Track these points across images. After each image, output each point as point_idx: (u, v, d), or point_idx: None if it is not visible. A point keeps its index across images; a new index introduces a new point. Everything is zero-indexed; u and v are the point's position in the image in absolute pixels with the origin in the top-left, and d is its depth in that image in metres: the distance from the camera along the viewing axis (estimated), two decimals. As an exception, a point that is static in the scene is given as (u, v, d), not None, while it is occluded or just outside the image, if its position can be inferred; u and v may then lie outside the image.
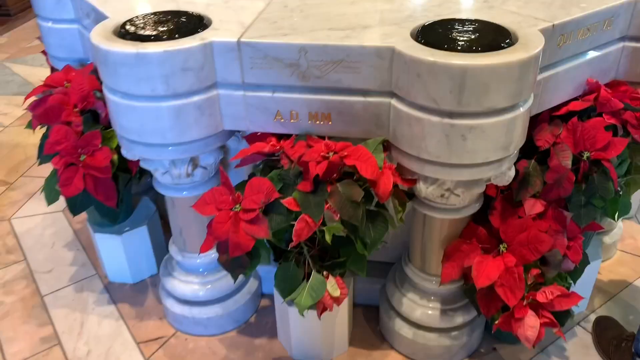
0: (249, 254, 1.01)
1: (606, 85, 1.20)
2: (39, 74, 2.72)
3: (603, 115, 1.14)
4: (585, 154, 1.11)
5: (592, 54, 1.15)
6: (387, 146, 1.06)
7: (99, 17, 1.18)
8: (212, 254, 1.31)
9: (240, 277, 1.25)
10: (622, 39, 1.18)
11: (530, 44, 0.93)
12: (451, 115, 0.93)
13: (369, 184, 1.00)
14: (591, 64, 1.16)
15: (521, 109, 0.96)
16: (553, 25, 1.02)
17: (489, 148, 0.97)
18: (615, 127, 1.15)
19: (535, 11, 1.08)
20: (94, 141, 1.18)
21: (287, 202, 0.97)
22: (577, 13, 1.06)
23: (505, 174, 1.06)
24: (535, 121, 1.16)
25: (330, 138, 1.06)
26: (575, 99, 1.18)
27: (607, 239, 1.54)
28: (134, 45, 0.97)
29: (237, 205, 1.01)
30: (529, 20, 1.04)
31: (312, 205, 0.96)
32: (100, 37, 1.01)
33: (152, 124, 1.04)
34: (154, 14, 1.11)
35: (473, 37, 0.97)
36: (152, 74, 0.98)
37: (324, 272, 1.04)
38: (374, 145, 1.02)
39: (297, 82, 1.02)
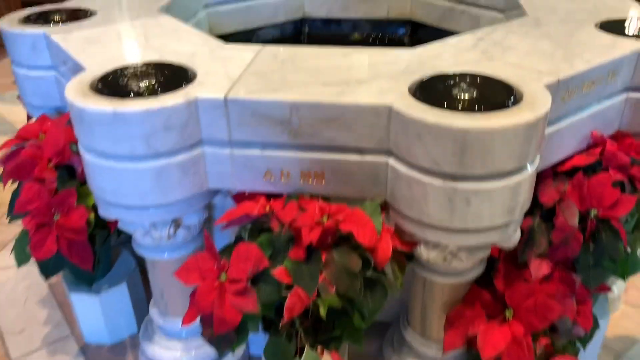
0: (235, 328, 0.92)
1: (610, 137, 1.15)
2: (18, 111, 2.63)
3: (609, 170, 1.09)
4: (593, 212, 1.05)
5: (596, 106, 1.10)
6: (384, 206, 0.99)
7: (76, 67, 1.12)
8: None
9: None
10: (626, 89, 1.14)
11: (536, 103, 0.87)
12: (454, 178, 0.87)
13: (367, 250, 0.92)
14: (595, 117, 1.11)
15: (528, 171, 0.90)
16: (558, 80, 0.97)
17: (494, 212, 0.90)
18: (623, 183, 1.09)
19: (537, 63, 1.03)
20: (68, 200, 1.10)
21: (278, 273, 0.89)
22: (581, 66, 1.01)
23: (511, 237, 1.00)
24: (539, 177, 1.10)
25: (324, 198, 0.99)
26: (580, 152, 1.13)
27: (611, 294, 1.47)
28: (111, 102, 0.90)
29: (223, 274, 0.93)
30: (533, 74, 0.99)
31: (306, 277, 0.88)
32: (76, 93, 0.94)
33: (131, 185, 0.96)
34: (135, 66, 1.04)
35: (475, 94, 0.91)
36: (132, 133, 0.90)
37: (318, 347, 0.96)
38: (371, 207, 0.95)
39: (289, 140, 0.96)
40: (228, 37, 1.83)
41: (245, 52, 1.13)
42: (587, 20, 1.26)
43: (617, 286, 1.49)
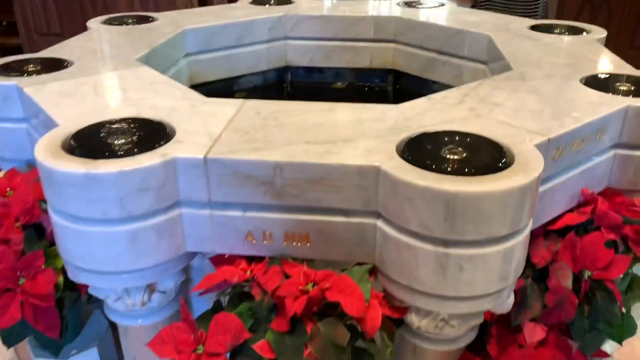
0: (214, 406, 0.85)
1: (600, 193, 1.13)
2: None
3: (602, 229, 1.06)
4: (587, 273, 1.02)
5: (586, 164, 1.08)
6: (373, 270, 0.94)
7: (48, 120, 1.06)
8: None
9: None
10: (614, 146, 1.12)
11: (529, 165, 0.84)
12: (446, 243, 0.83)
13: (355, 319, 0.87)
14: (585, 174, 1.09)
15: (522, 235, 0.86)
16: (549, 139, 0.95)
17: (488, 279, 0.86)
18: (616, 242, 1.06)
19: (526, 121, 1.01)
20: (35, 262, 1.03)
21: (259, 347, 0.83)
22: (571, 124, 1.00)
23: (504, 303, 0.95)
24: (530, 236, 1.06)
25: (308, 261, 0.94)
26: (571, 210, 1.10)
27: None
28: (83, 163, 0.85)
29: (200, 347, 0.86)
30: (522, 133, 0.97)
31: (289, 350, 0.82)
32: (45, 152, 0.89)
33: (102, 250, 0.90)
34: (110, 122, 1.00)
35: (465, 154, 0.88)
36: (105, 195, 0.85)
37: None
38: (359, 273, 0.90)
39: (272, 201, 0.91)
40: (209, 85, 1.81)
41: (226, 106, 1.09)
42: (571, 75, 1.26)
43: (609, 344, 1.45)
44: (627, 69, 1.30)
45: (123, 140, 0.93)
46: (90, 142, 0.93)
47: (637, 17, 3.62)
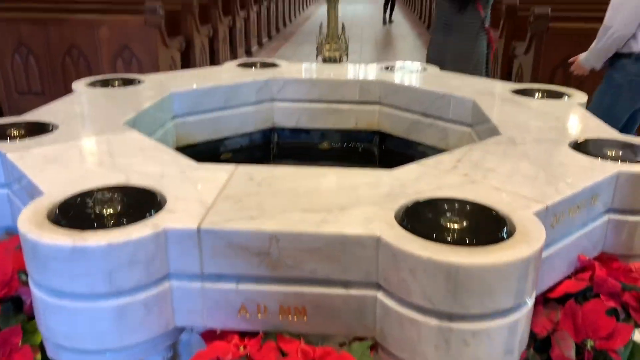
0: None
1: (595, 259, 1.12)
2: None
3: (601, 296, 1.05)
4: (589, 343, 0.99)
5: (581, 229, 1.07)
6: (373, 345, 0.90)
7: (30, 185, 1.03)
8: None
9: None
10: (607, 211, 1.12)
11: (531, 235, 0.83)
12: (450, 317, 0.80)
13: (356, 400, 0.82)
14: (581, 240, 1.08)
15: (526, 307, 0.84)
16: (547, 206, 0.94)
17: (493, 354, 0.83)
18: (616, 309, 1.05)
19: (520, 187, 1.01)
20: (12, 339, 0.96)
21: None
22: (566, 190, 1.00)
23: (510, 377, 0.91)
24: (530, 304, 1.04)
25: (305, 336, 0.90)
26: (568, 277, 1.09)
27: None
28: (70, 235, 0.81)
29: None
30: (519, 199, 0.96)
31: None
32: (30, 223, 0.84)
33: (87, 327, 0.84)
34: (98, 190, 0.96)
35: (466, 223, 0.87)
36: (92, 270, 0.81)
37: None
38: (360, 349, 0.86)
39: (267, 272, 0.87)
40: (195, 147, 1.79)
41: (218, 172, 1.07)
42: (559, 139, 1.27)
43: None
44: (612, 133, 1.33)
45: (111, 210, 0.90)
46: (77, 212, 0.89)
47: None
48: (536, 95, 1.69)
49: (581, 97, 1.65)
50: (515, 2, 4.56)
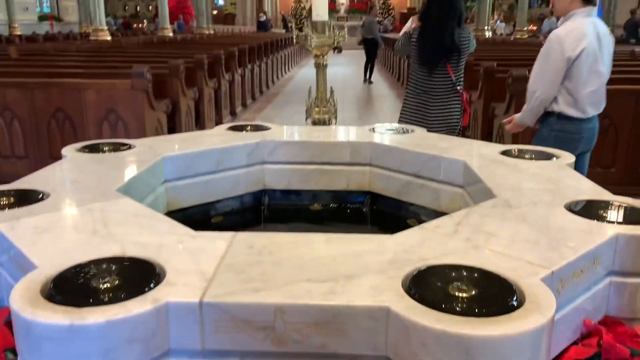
0: None
1: (601, 323, 1.10)
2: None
3: (610, 363, 1.02)
4: (603, 413, 0.96)
5: (585, 294, 1.06)
6: (382, 423, 0.86)
7: (24, 262, 0.99)
8: None
9: None
10: (609, 274, 1.12)
11: (542, 303, 0.82)
12: (465, 392, 0.77)
13: None
14: (585, 304, 1.07)
15: (542, 378, 0.81)
16: (552, 272, 0.94)
17: None
18: (626, 376, 1.02)
19: (524, 252, 1.00)
20: None
21: None
22: (570, 255, 0.99)
23: None
24: (539, 372, 1.01)
25: (311, 414, 0.85)
26: (574, 342, 1.07)
27: None
28: (67, 313, 0.77)
29: None
30: (524, 265, 0.95)
31: None
32: (23, 301, 0.80)
33: (80, 412, 0.79)
34: (94, 262, 0.93)
35: (475, 292, 0.85)
36: (89, 349, 0.77)
37: None
38: None
39: (272, 348, 0.84)
40: (186, 211, 1.77)
41: (217, 241, 1.04)
42: (554, 201, 1.28)
43: None
44: (605, 194, 1.34)
45: (108, 284, 0.86)
46: (72, 287, 0.85)
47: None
48: (525, 156, 1.72)
49: (569, 158, 1.69)
50: (492, 64, 4.74)
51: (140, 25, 22.37)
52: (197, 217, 1.79)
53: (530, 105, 2.73)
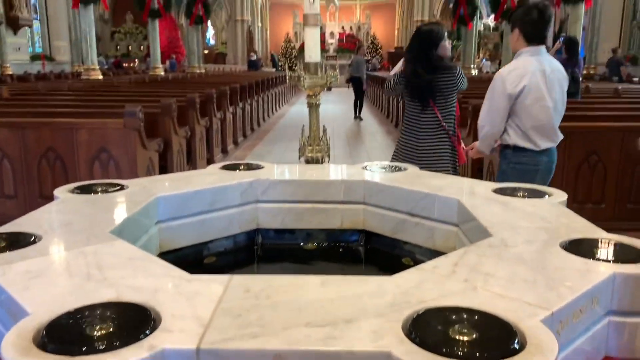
0: None
1: (600, 364, 1.09)
2: None
3: (613, 406, 1.01)
4: None
5: (584, 334, 1.06)
6: None
7: (15, 309, 0.96)
8: None
9: None
10: (607, 314, 1.12)
11: (544, 347, 0.81)
12: None
13: None
14: (584, 345, 1.06)
15: None
16: (552, 313, 0.93)
17: None
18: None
19: (522, 293, 1.00)
20: None
21: None
22: (568, 295, 0.99)
23: None
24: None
25: None
26: (577, 384, 1.05)
27: None
28: (60, 362, 0.75)
29: None
30: (524, 307, 0.94)
31: None
32: (15, 350, 0.78)
33: None
34: (88, 308, 0.91)
35: (476, 335, 0.84)
36: (82, 401, 0.74)
37: None
38: None
39: (270, 395, 0.82)
40: (179, 251, 1.75)
41: (212, 284, 1.03)
42: (550, 240, 1.29)
43: None
44: (599, 232, 1.35)
45: (104, 331, 0.84)
46: (65, 334, 0.83)
47: (576, 173, 3.94)
48: (517, 194, 1.73)
49: (561, 196, 1.70)
50: (479, 102, 4.81)
51: (131, 64, 22.60)
52: (190, 258, 1.77)
53: (481, 137, 2.92)
